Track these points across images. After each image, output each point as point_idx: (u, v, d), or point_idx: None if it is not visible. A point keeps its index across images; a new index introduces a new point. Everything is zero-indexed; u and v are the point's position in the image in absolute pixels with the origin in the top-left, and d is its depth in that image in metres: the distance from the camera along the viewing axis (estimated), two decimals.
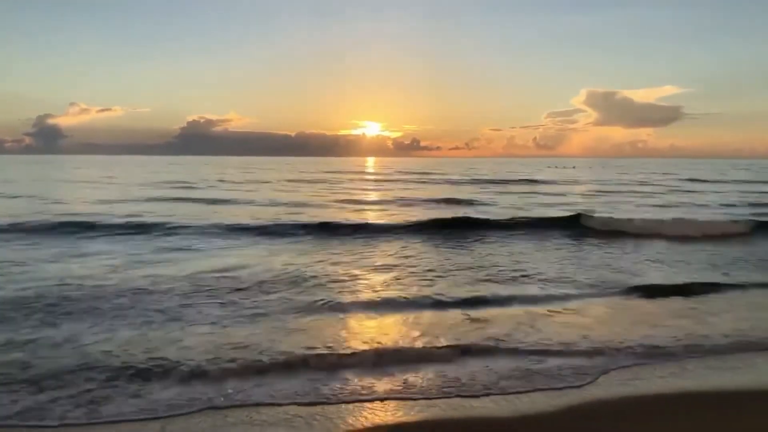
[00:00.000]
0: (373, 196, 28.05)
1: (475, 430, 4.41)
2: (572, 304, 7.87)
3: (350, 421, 4.48)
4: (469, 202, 24.13)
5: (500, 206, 22.38)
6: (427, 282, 9.13)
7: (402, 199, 25.76)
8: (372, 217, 17.85)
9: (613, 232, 14.97)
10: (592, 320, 7.18)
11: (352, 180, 43.69)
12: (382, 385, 5.16)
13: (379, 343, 6.14)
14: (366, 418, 4.55)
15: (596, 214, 16.96)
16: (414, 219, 16.71)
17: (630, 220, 16.07)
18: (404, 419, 4.55)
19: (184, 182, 37.15)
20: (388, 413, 4.66)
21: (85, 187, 32.02)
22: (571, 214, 17.05)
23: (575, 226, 15.69)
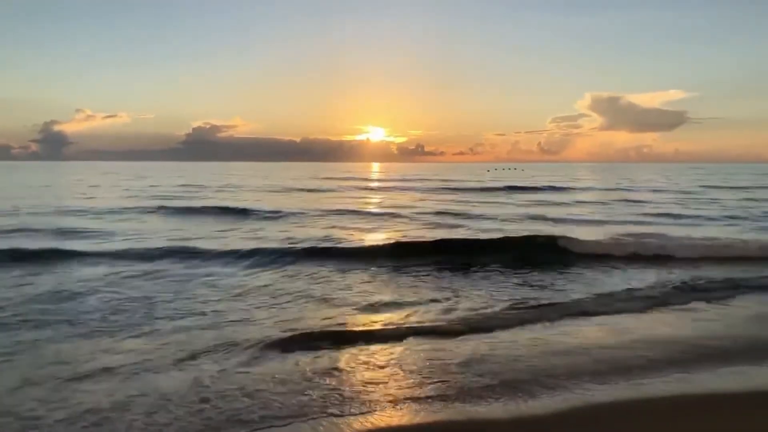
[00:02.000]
0: (353, 206, 25.24)
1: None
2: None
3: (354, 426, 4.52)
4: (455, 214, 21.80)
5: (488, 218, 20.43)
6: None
7: (376, 211, 23.17)
8: (315, 235, 15.02)
9: (599, 257, 12.30)
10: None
11: (341, 188, 40.66)
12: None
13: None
14: (369, 422, 4.60)
15: (576, 237, 14.16)
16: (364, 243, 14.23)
17: (619, 243, 13.39)
18: (405, 423, 4.59)
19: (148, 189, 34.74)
20: (388, 418, 4.69)
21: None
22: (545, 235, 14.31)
23: (551, 250, 12.86)
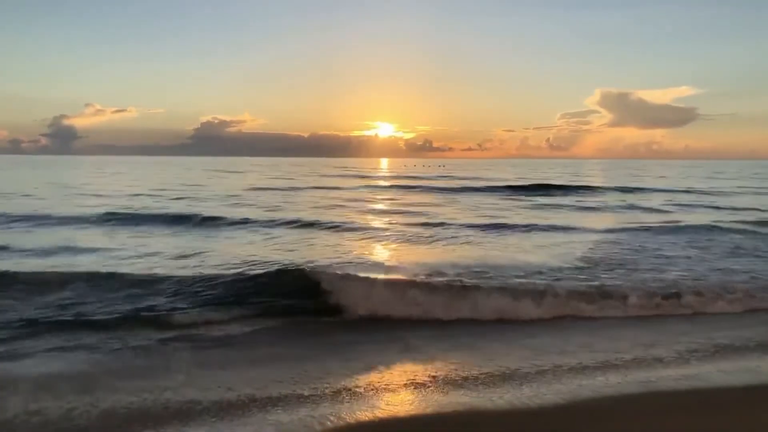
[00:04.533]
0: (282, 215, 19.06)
1: (478, 423, 4.42)
2: None
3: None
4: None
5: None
6: None
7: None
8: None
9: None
10: None
11: (312, 189, 36.03)
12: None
13: None
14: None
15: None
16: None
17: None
18: (406, 413, 4.58)
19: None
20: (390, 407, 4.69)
21: None
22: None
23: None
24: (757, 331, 7.00)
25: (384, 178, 49.87)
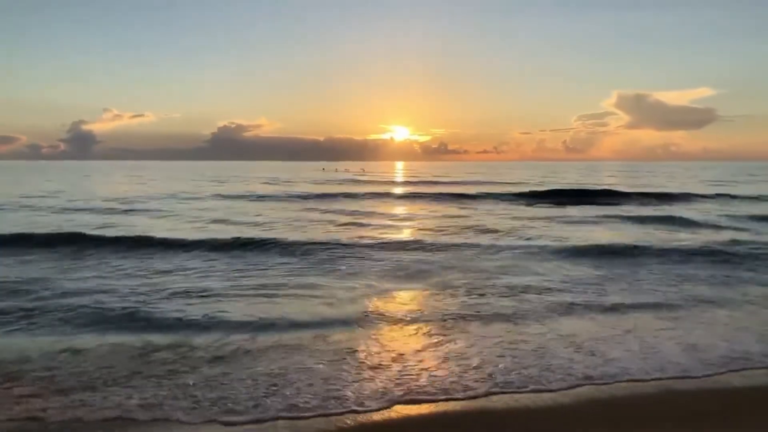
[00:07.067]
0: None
1: (487, 423, 4.42)
2: None
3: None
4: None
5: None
6: None
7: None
8: None
9: None
10: None
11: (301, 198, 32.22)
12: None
13: None
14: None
15: None
16: None
17: None
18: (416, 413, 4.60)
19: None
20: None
21: None
22: None
23: None
24: None
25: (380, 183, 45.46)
